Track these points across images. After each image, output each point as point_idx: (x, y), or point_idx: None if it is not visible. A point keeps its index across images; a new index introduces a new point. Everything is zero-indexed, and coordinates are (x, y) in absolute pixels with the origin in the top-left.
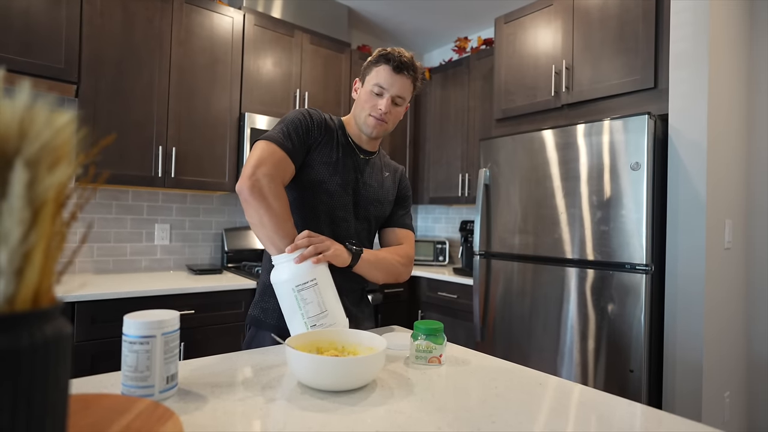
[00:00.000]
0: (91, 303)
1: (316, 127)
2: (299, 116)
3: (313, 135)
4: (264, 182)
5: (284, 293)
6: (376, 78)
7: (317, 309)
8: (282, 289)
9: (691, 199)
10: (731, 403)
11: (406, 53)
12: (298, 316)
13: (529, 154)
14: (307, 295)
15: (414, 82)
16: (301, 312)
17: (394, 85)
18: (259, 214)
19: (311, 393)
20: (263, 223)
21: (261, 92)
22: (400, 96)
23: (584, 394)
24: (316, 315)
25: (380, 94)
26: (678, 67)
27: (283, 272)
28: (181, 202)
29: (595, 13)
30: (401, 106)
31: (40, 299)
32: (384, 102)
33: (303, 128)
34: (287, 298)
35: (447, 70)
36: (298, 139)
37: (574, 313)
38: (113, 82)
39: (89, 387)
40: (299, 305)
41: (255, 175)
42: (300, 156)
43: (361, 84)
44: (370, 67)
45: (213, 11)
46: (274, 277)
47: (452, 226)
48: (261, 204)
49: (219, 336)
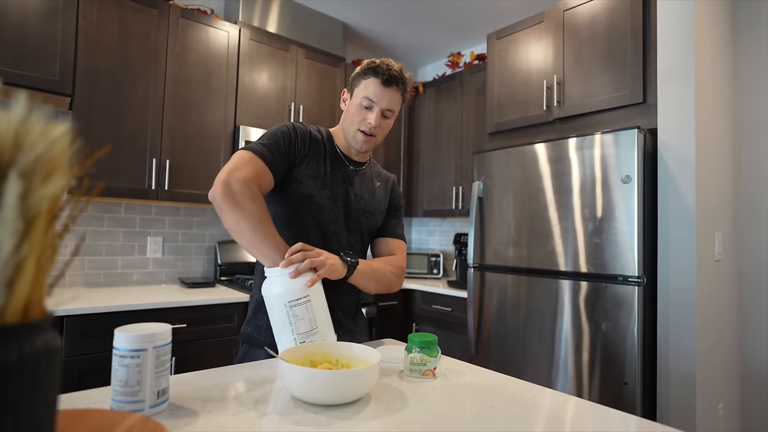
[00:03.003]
0: (81, 317)
1: (300, 140)
2: (282, 128)
3: (296, 148)
4: (236, 186)
5: (275, 307)
6: (365, 91)
7: (308, 326)
8: (273, 303)
9: (681, 212)
10: (725, 415)
11: (395, 65)
12: (287, 331)
13: (521, 167)
14: (299, 312)
15: (403, 94)
16: (292, 327)
17: (384, 99)
18: (235, 219)
19: (304, 407)
20: (240, 229)
21: (256, 106)
22: (389, 109)
23: (579, 406)
24: (306, 332)
25: (369, 107)
26: (666, 82)
27: (275, 286)
28: (175, 214)
29: (585, 30)
30: (390, 118)
31: (30, 311)
32: (374, 116)
33: (285, 140)
34: (278, 312)
35: (440, 84)
36: (278, 151)
37: (568, 325)
38: (108, 94)
39: (77, 402)
40: (290, 321)
41: (227, 181)
42: (280, 167)
43: (349, 95)
44: (358, 79)
45: (209, 26)
46: (266, 289)
47: (446, 238)
48: (235, 208)
49: (212, 350)
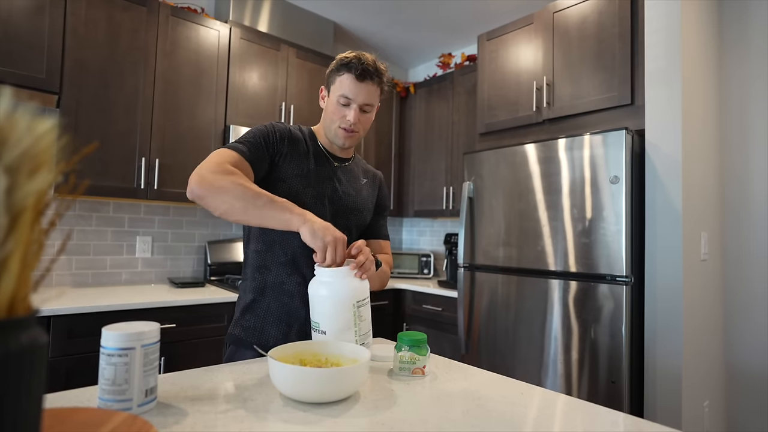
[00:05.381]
0: (68, 317)
1: (278, 137)
2: (260, 127)
3: (275, 145)
4: (207, 171)
5: (342, 308)
6: (340, 88)
7: (368, 326)
8: (341, 304)
9: (668, 212)
10: (710, 413)
11: (369, 57)
12: (350, 333)
13: (511, 167)
14: (363, 312)
15: (380, 86)
16: (356, 329)
17: (360, 94)
18: (220, 199)
19: (294, 405)
20: (231, 205)
21: (246, 105)
22: (367, 104)
23: (567, 403)
24: (367, 332)
25: (347, 104)
26: (653, 84)
27: (342, 286)
28: (164, 214)
29: (574, 32)
30: (370, 112)
31: (15, 307)
32: (352, 113)
33: (262, 137)
34: (344, 313)
35: (431, 85)
36: (255, 146)
37: (558, 324)
38: (96, 92)
39: (64, 402)
40: (355, 321)
41: (197, 172)
42: (259, 162)
43: (327, 93)
44: (333, 75)
45: (199, 24)
46: (328, 290)
47: (437, 238)
48: (212, 188)
49: (201, 350)
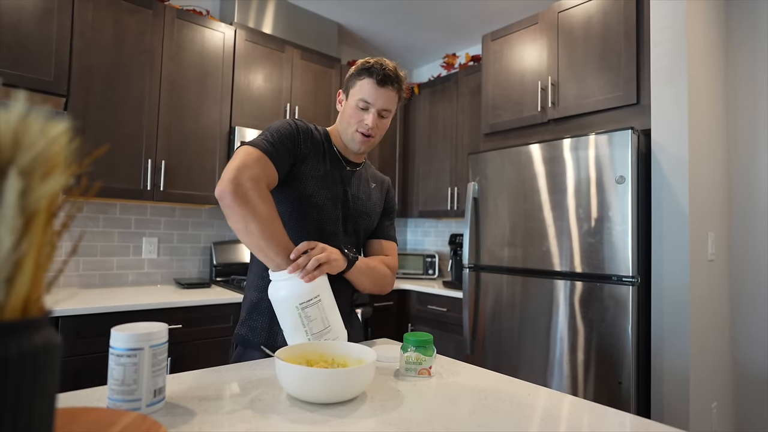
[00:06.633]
0: (76, 317)
1: (302, 138)
2: (286, 126)
3: (299, 148)
4: (249, 185)
5: (286, 310)
6: (360, 92)
7: (321, 325)
8: (284, 306)
9: (675, 212)
10: (718, 414)
11: (390, 64)
12: (301, 333)
13: (516, 167)
14: (311, 312)
15: (399, 93)
16: (305, 329)
17: (380, 99)
18: (245, 221)
19: (301, 405)
20: (249, 231)
21: (251, 106)
22: (385, 109)
23: (574, 404)
24: (320, 331)
25: (366, 108)
26: (659, 83)
27: (282, 289)
28: (170, 215)
29: (579, 31)
30: (387, 118)
31: (29, 308)
32: (370, 117)
33: (289, 139)
34: (289, 315)
35: (435, 85)
36: (283, 148)
37: (564, 325)
38: (103, 95)
39: (74, 401)
40: (303, 323)
41: (237, 179)
42: (284, 165)
43: (345, 96)
44: (353, 79)
45: (204, 26)
46: (273, 293)
47: (441, 239)
48: (245, 209)
49: (207, 351)
